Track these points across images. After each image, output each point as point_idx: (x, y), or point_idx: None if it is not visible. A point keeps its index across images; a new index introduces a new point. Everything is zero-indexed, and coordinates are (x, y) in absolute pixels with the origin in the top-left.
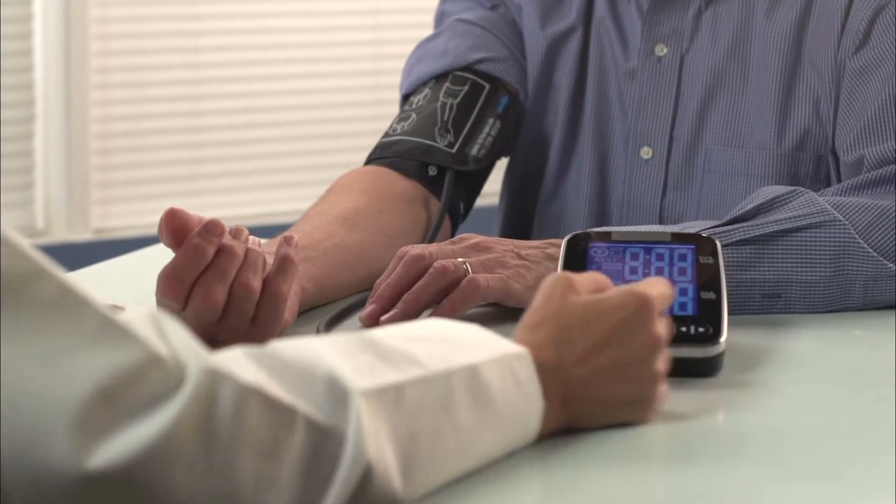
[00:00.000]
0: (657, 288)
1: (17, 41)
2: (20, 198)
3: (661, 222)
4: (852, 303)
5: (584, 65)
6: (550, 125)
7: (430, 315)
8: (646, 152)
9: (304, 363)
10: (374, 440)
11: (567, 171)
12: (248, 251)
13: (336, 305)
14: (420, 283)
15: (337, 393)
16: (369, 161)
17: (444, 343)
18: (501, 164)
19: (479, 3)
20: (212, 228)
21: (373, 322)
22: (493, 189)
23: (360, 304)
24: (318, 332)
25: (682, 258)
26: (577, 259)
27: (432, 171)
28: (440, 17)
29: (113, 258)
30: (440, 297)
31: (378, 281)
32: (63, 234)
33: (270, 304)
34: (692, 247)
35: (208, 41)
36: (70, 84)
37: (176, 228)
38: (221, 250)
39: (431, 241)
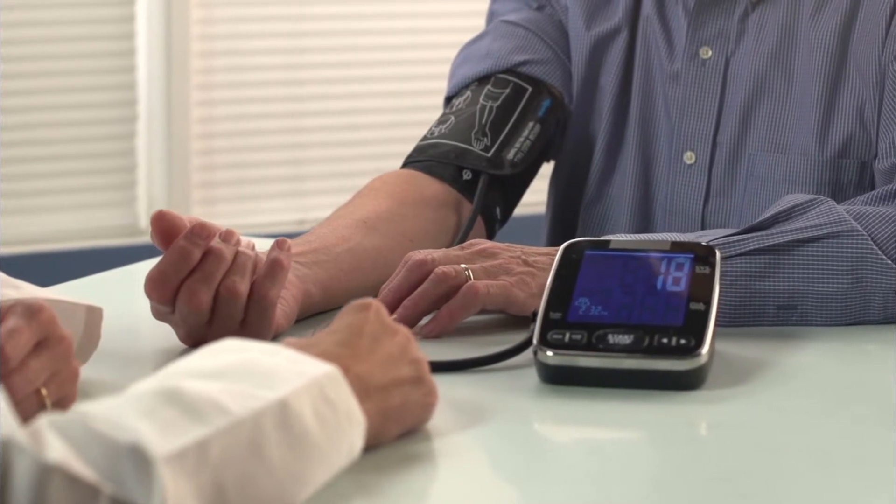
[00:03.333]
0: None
1: (120, 41)
2: (122, 197)
3: (703, 229)
4: (872, 316)
5: (630, 66)
6: (595, 128)
7: (430, 321)
8: (689, 157)
9: (108, 433)
10: None
11: (611, 175)
12: (237, 254)
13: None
14: (420, 289)
15: (140, 464)
16: (405, 164)
17: (250, 377)
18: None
19: (527, 3)
20: (198, 231)
21: None
22: (543, 199)
23: None
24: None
25: (679, 268)
26: (571, 267)
27: (467, 175)
28: (490, 17)
29: None
30: (440, 303)
31: (383, 286)
32: None
33: (258, 308)
34: (691, 256)
35: (312, 42)
36: (171, 84)
37: (164, 230)
38: (208, 253)
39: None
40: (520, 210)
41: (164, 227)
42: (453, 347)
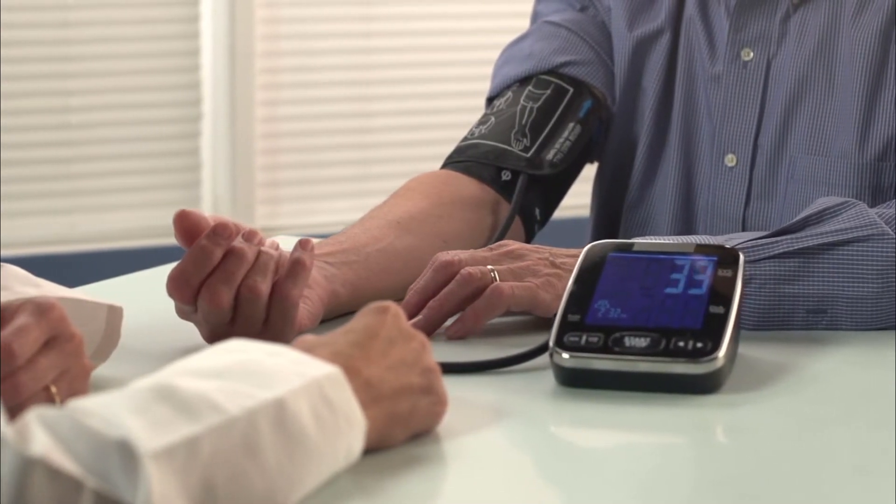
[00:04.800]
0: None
1: (185, 41)
2: (187, 196)
3: (743, 231)
4: None
5: (673, 68)
6: (637, 130)
7: (455, 322)
8: (730, 160)
9: (97, 428)
10: (164, 502)
11: (653, 178)
12: (259, 254)
13: None
14: (445, 290)
15: (127, 459)
16: (445, 165)
17: (248, 377)
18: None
19: (570, 4)
20: (220, 231)
21: None
22: (587, 202)
23: None
24: None
25: (702, 270)
26: (593, 269)
27: (506, 176)
28: (533, 17)
29: None
30: (465, 304)
31: (410, 286)
32: None
33: (280, 308)
34: (714, 259)
35: (379, 42)
36: (236, 84)
37: (187, 230)
38: (229, 253)
39: None
40: (565, 213)
41: (187, 226)
42: (475, 348)
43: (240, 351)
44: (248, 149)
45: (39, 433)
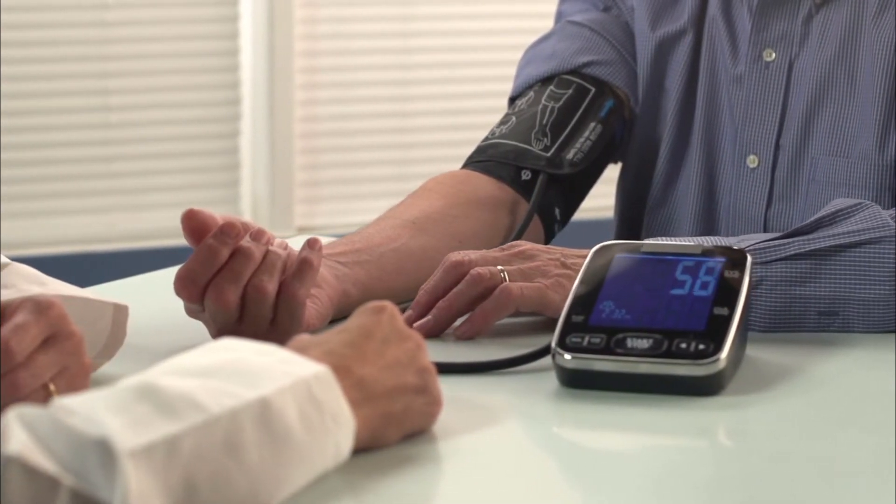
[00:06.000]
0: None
1: (224, 41)
2: (226, 195)
3: (765, 232)
4: None
5: (695, 69)
6: (660, 131)
7: (464, 322)
8: (752, 161)
9: (77, 427)
10: (141, 502)
11: (676, 179)
12: (266, 254)
13: None
14: (454, 290)
15: (105, 458)
16: (465, 165)
17: (234, 376)
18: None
19: (594, 4)
20: (227, 230)
21: None
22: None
23: (405, 311)
24: None
25: (709, 272)
26: (600, 270)
27: (526, 176)
28: (557, 17)
29: None
30: (474, 304)
31: (421, 287)
32: None
33: (286, 307)
34: (722, 260)
35: (418, 42)
36: (275, 84)
37: (195, 229)
38: (236, 252)
39: None
40: (590, 214)
41: (195, 225)
42: (483, 348)
43: (229, 350)
44: (286, 148)
45: (17, 431)
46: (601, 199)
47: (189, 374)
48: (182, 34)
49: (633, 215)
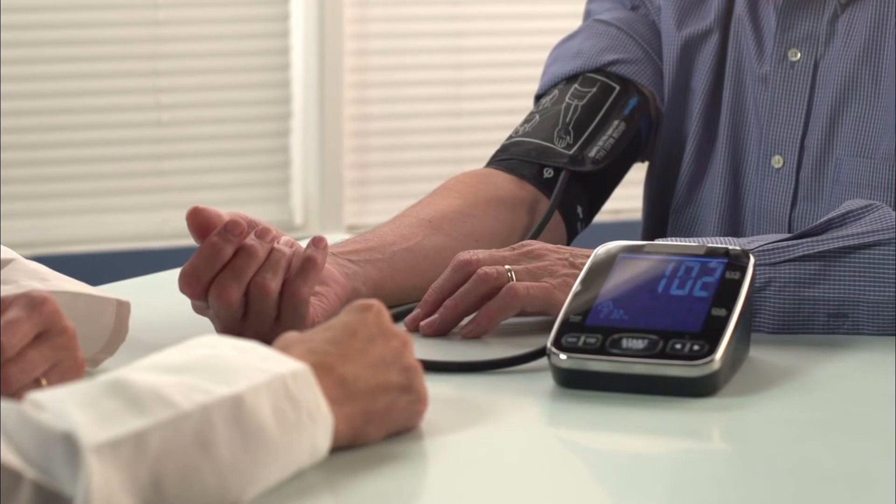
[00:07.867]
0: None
1: (275, 40)
2: (277, 193)
3: (790, 233)
4: None
5: (721, 68)
6: (686, 130)
7: (470, 321)
8: (777, 161)
9: (44, 421)
10: (104, 498)
11: (701, 179)
12: (271, 251)
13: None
14: (461, 289)
15: (70, 452)
16: (489, 163)
17: (209, 372)
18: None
19: (621, 2)
20: (232, 228)
21: (413, 327)
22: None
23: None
24: None
25: (711, 273)
26: (601, 270)
27: (548, 174)
28: (585, 16)
29: None
30: (481, 303)
31: (431, 285)
32: (316, 230)
33: (290, 305)
34: (724, 261)
35: (470, 42)
36: (325, 83)
37: (200, 226)
38: (240, 250)
39: None
40: (618, 216)
41: (200, 222)
42: (488, 348)
43: (208, 346)
44: (337, 147)
45: None
46: (628, 202)
47: (164, 371)
48: (233, 33)
49: (660, 216)
